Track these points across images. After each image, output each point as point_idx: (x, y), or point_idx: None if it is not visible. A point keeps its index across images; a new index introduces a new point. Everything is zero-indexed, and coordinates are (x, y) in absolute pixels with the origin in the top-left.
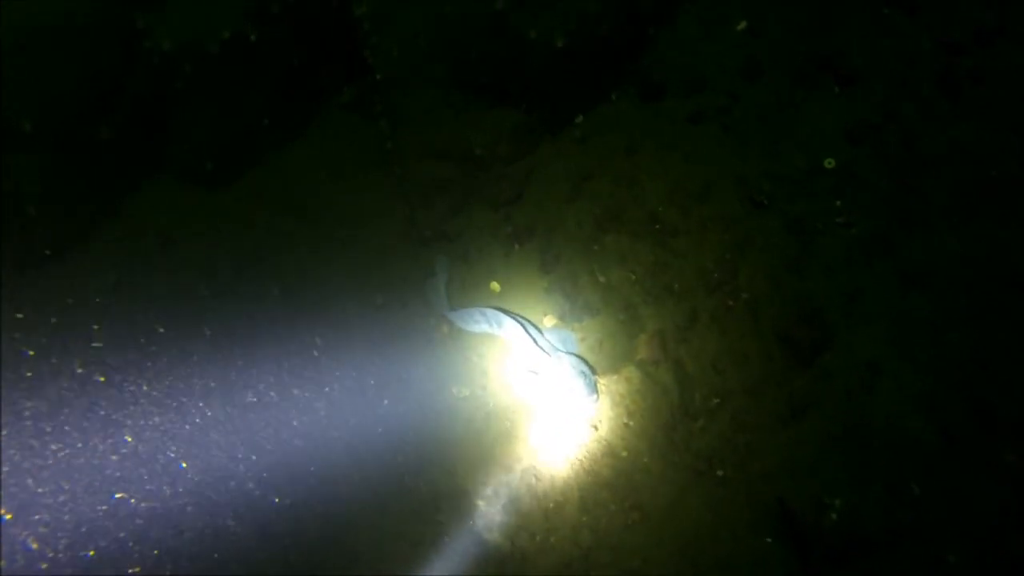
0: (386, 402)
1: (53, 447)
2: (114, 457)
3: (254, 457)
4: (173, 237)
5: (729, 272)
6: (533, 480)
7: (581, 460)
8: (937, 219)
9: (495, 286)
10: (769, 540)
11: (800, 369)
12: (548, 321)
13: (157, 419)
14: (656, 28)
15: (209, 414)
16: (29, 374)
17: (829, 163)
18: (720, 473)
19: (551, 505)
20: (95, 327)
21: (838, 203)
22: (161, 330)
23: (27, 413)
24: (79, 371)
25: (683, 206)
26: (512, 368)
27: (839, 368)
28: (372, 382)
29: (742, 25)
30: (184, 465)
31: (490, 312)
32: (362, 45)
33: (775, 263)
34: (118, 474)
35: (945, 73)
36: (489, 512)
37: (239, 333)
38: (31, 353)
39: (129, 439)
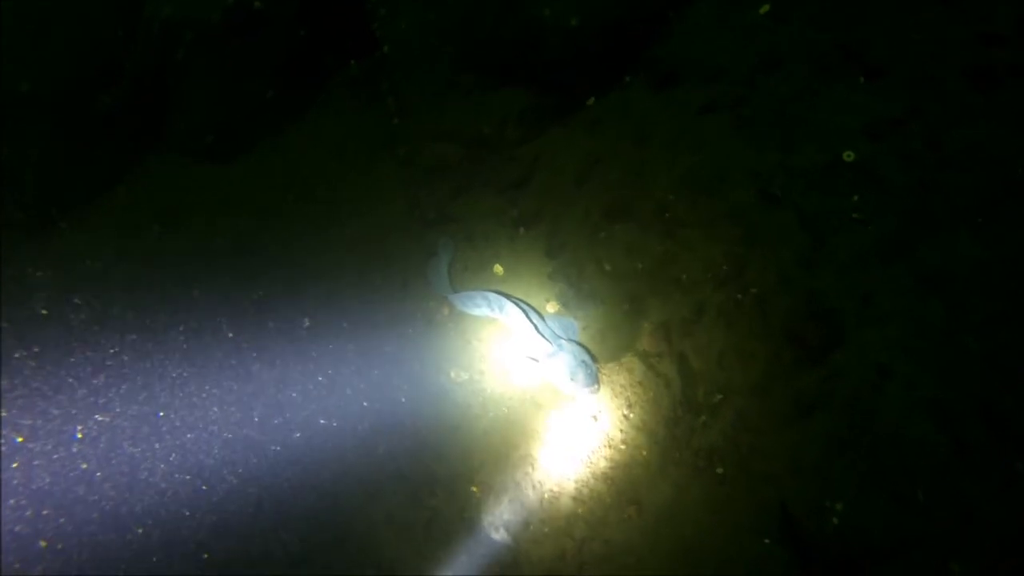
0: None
1: (42, 543)
2: (129, 548)
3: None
4: (172, 212)
5: (739, 266)
6: (529, 468)
7: (579, 450)
8: (957, 219)
9: (498, 269)
10: (768, 542)
11: (808, 369)
12: (551, 308)
13: (171, 503)
14: (673, 12)
15: (235, 483)
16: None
17: (848, 156)
18: (720, 471)
19: (546, 495)
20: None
21: (855, 199)
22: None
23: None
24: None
25: (693, 197)
26: (512, 354)
27: (848, 369)
28: (377, 371)
29: (764, 8)
30: (206, 556)
31: (492, 296)
32: (370, 18)
33: (786, 259)
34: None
35: (980, 66)
36: (483, 499)
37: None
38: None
39: (140, 529)
